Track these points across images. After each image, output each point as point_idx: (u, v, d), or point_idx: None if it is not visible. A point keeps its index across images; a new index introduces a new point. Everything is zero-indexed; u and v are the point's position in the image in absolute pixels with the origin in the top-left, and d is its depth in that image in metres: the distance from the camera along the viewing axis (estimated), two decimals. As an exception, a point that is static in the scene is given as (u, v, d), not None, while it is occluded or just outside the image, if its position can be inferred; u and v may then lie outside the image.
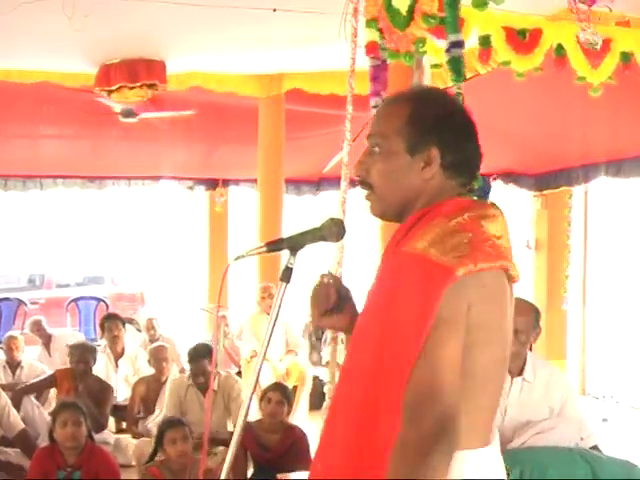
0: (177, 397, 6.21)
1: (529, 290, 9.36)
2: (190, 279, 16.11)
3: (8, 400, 5.93)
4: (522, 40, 4.64)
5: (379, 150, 1.95)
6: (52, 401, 6.95)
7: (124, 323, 8.26)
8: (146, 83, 7.62)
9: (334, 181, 9.67)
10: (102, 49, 7.30)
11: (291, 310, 8.10)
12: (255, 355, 7.66)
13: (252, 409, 5.17)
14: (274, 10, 6.02)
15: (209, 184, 12.40)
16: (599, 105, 5.39)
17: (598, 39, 4.40)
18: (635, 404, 8.98)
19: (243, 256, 1.99)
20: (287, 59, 7.96)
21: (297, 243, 1.97)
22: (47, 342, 8.71)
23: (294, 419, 6.78)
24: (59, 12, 5.44)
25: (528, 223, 9.83)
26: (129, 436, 6.70)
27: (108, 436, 6.48)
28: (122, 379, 7.72)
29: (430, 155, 1.91)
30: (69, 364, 6.85)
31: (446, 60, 3.98)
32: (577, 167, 8.46)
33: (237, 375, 7.90)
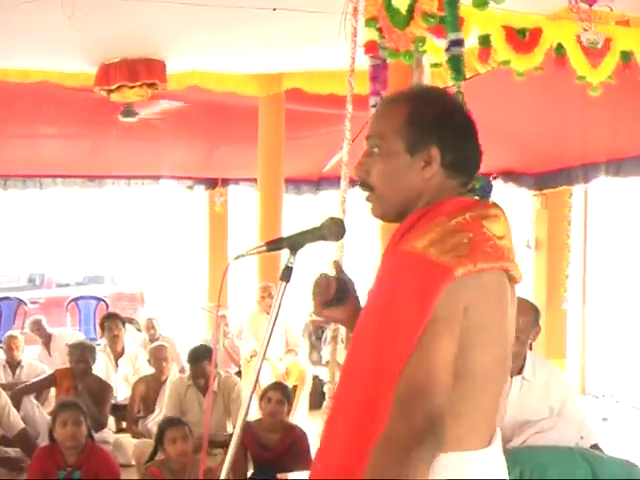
0: (177, 397, 6.22)
1: (529, 289, 9.36)
2: (190, 278, 16.10)
3: (8, 399, 5.92)
4: (522, 39, 4.63)
5: (378, 151, 1.94)
6: (52, 401, 6.95)
7: (124, 323, 8.26)
8: (146, 82, 7.62)
9: (334, 180, 9.67)
10: (102, 48, 7.29)
11: (291, 309, 8.11)
12: (255, 354, 7.66)
13: (252, 408, 5.17)
14: (274, 9, 6.01)
15: (209, 184, 12.39)
16: (599, 104, 5.39)
17: (600, 38, 4.40)
18: (635, 403, 8.98)
19: (243, 255, 1.99)
20: (287, 58, 7.96)
21: (297, 242, 1.96)
22: (47, 341, 8.71)
23: (294, 418, 6.78)
24: (59, 11, 5.44)
25: (528, 222, 9.82)
26: (129, 435, 6.70)
27: (108, 435, 6.48)
28: (122, 378, 7.72)
29: (430, 154, 1.89)
30: (68, 363, 6.86)
31: (446, 59, 3.98)
32: (577, 166, 8.46)
33: (237, 374, 7.92)
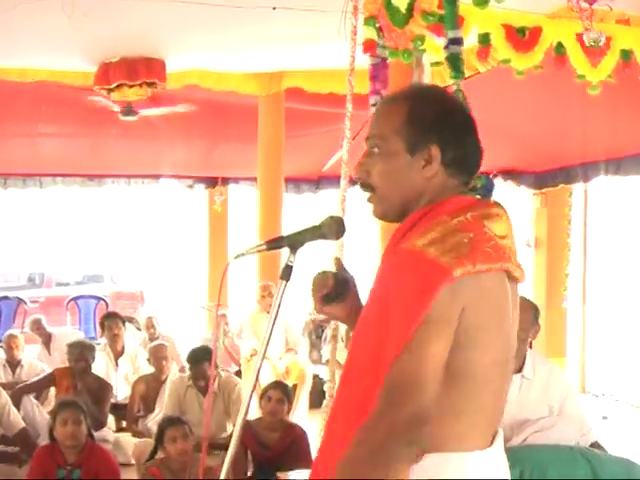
0: (176, 397, 6.21)
1: (529, 288, 9.35)
2: (190, 277, 16.11)
3: (8, 399, 5.92)
4: (522, 38, 4.62)
5: (378, 151, 1.93)
6: (52, 400, 6.94)
7: (124, 322, 8.26)
8: (146, 81, 7.62)
9: (334, 179, 9.67)
10: (102, 48, 7.29)
11: (291, 308, 8.11)
12: (255, 353, 7.66)
13: (252, 407, 5.17)
14: (274, 8, 6.01)
15: (209, 182, 12.38)
16: (599, 103, 5.39)
17: (602, 37, 4.39)
18: (635, 402, 8.98)
19: (243, 254, 1.99)
20: (287, 57, 7.95)
21: (297, 241, 1.96)
22: (47, 341, 8.71)
23: (294, 417, 6.78)
24: (59, 11, 5.44)
25: (528, 221, 9.82)
26: (129, 435, 6.70)
27: (107, 434, 6.48)
28: (122, 378, 7.72)
29: (430, 153, 1.88)
30: (67, 362, 6.85)
31: (444, 57, 3.98)
32: (577, 165, 8.45)
33: (237, 373, 7.92)
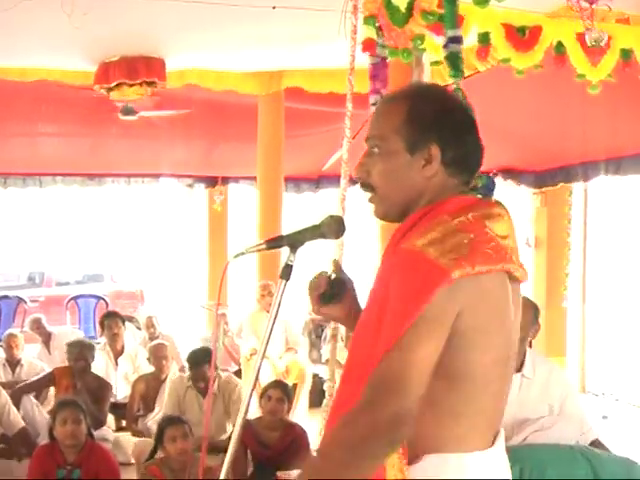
0: (176, 397, 6.20)
1: (529, 287, 9.35)
2: (190, 277, 16.10)
3: (8, 398, 5.92)
4: (522, 37, 4.62)
5: (379, 150, 1.92)
6: (51, 400, 6.94)
7: (124, 321, 8.26)
8: (145, 81, 7.62)
9: (334, 179, 9.68)
10: (101, 47, 7.29)
11: (291, 308, 8.10)
12: (255, 353, 7.65)
13: (252, 407, 5.17)
14: (274, 7, 6.00)
15: (209, 182, 12.38)
16: (599, 102, 5.39)
17: (603, 36, 4.39)
18: (635, 401, 8.98)
19: (243, 253, 1.99)
20: (286, 57, 7.95)
21: (297, 240, 1.96)
22: (47, 340, 8.71)
23: (294, 417, 6.77)
24: (58, 10, 5.43)
25: (528, 221, 9.82)
26: (129, 434, 6.70)
27: (107, 433, 6.47)
28: (122, 377, 7.72)
29: (430, 153, 1.88)
30: (67, 362, 6.85)
31: (444, 55, 3.98)
32: (577, 164, 8.45)
33: (237, 373, 7.92)
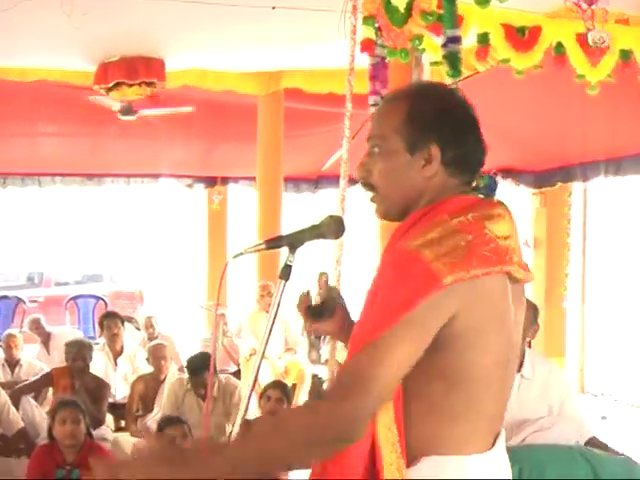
0: (174, 399, 6.17)
1: (528, 287, 9.33)
2: (189, 277, 16.10)
3: (7, 398, 5.91)
4: (521, 38, 4.63)
5: (379, 150, 1.92)
6: (50, 400, 6.93)
7: (123, 321, 8.24)
8: (145, 81, 7.61)
9: (333, 179, 9.69)
10: (101, 47, 7.28)
11: (290, 308, 8.09)
12: (254, 353, 7.65)
13: (251, 407, 5.16)
14: (273, 8, 6.00)
15: (208, 182, 12.38)
16: (598, 103, 5.39)
17: (605, 37, 4.39)
18: (634, 402, 8.98)
19: (242, 254, 1.98)
20: (286, 57, 7.95)
21: (296, 240, 1.95)
22: (46, 340, 8.70)
23: (293, 417, 6.75)
24: (58, 10, 5.43)
25: (527, 221, 9.82)
26: (128, 434, 6.69)
27: (106, 432, 6.45)
28: (121, 377, 7.71)
29: (430, 152, 1.87)
30: (65, 362, 6.84)
31: (442, 55, 3.98)
32: (576, 165, 8.45)
33: (236, 373, 7.92)
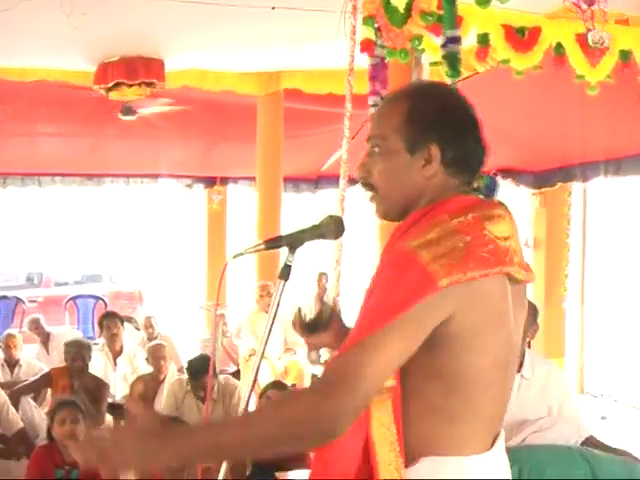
0: (174, 400, 6.16)
1: (528, 288, 9.33)
2: (188, 277, 16.10)
3: (7, 398, 5.90)
4: (521, 38, 4.63)
5: (379, 150, 1.92)
6: (50, 400, 6.92)
7: (122, 321, 8.24)
8: (145, 81, 7.61)
9: (333, 179, 9.69)
10: (101, 47, 7.28)
11: (290, 308, 8.08)
12: (254, 353, 7.65)
13: (251, 407, 5.15)
14: (273, 8, 6.00)
15: (208, 182, 12.38)
16: (598, 103, 5.38)
17: (605, 37, 4.39)
18: (633, 402, 8.99)
19: (242, 254, 1.99)
20: (286, 57, 7.94)
21: (296, 240, 1.95)
22: (45, 340, 8.70)
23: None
24: (58, 10, 5.43)
25: (527, 221, 9.82)
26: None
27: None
28: (120, 377, 7.70)
29: (430, 152, 1.87)
30: (64, 362, 6.83)
31: (442, 55, 3.98)
32: (576, 165, 8.45)
33: (236, 373, 7.91)
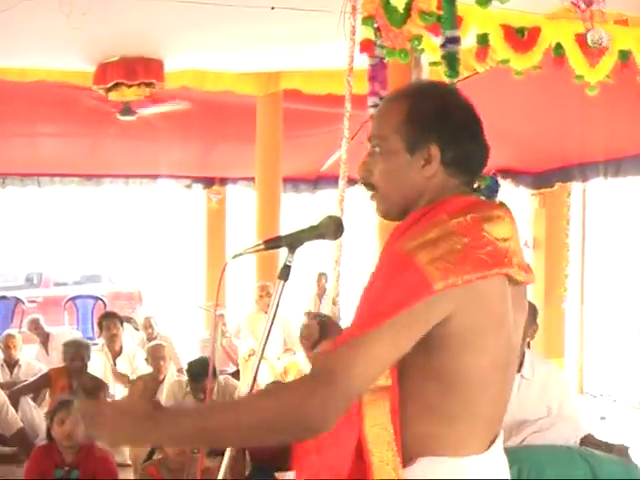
0: (173, 401, 6.15)
1: (527, 288, 9.33)
2: (188, 277, 16.11)
3: (6, 398, 5.90)
4: (520, 38, 4.63)
5: (380, 150, 1.92)
6: (49, 401, 6.91)
7: (122, 321, 8.23)
8: (144, 81, 7.61)
9: (332, 179, 9.69)
10: (100, 47, 7.28)
11: (289, 308, 8.10)
12: (253, 353, 7.65)
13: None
14: (272, 8, 6.00)
15: (207, 182, 12.37)
16: (597, 104, 5.39)
17: (604, 37, 4.39)
18: (633, 402, 8.99)
19: (241, 254, 1.99)
20: (285, 57, 7.95)
21: (295, 241, 1.95)
22: (45, 341, 8.69)
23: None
24: (57, 10, 5.43)
25: (526, 222, 9.82)
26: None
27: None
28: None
29: (430, 152, 1.87)
30: (63, 362, 6.83)
31: (441, 55, 3.98)
32: (575, 166, 8.45)
33: (235, 374, 7.91)
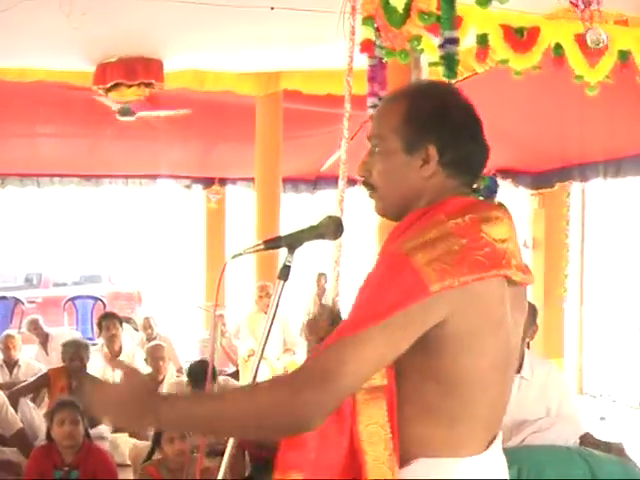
0: None
1: (527, 289, 9.33)
2: (187, 278, 16.11)
3: (6, 398, 5.90)
4: (520, 38, 4.63)
5: (378, 150, 1.93)
6: (47, 402, 6.91)
7: (121, 322, 8.23)
8: (144, 82, 7.61)
9: (332, 179, 9.68)
10: (100, 47, 7.28)
11: (289, 308, 8.10)
12: (252, 354, 7.65)
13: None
14: (272, 8, 6.01)
15: (206, 183, 12.37)
16: (597, 104, 5.39)
17: (603, 37, 4.40)
18: (632, 403, 8.99)
19: (241, 254, 1.99)
20: (285, 57, 7.95)
21: (295, 241, 1.95)
22: (44, 341, 8.70)
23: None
24: (57, 10, 5.43)
25: (525, 222, 9.82)
26: (126, 435, 6.68)
27: (104, 430, 6.43)
28: (119, 378, 7.69)
29: (428, 153, 1.87)
30: (62, 362, 6.83)
31: (440, 56, 3.98)
32: (574, 166, 8.45)
33: (235, 374, 7.91)
